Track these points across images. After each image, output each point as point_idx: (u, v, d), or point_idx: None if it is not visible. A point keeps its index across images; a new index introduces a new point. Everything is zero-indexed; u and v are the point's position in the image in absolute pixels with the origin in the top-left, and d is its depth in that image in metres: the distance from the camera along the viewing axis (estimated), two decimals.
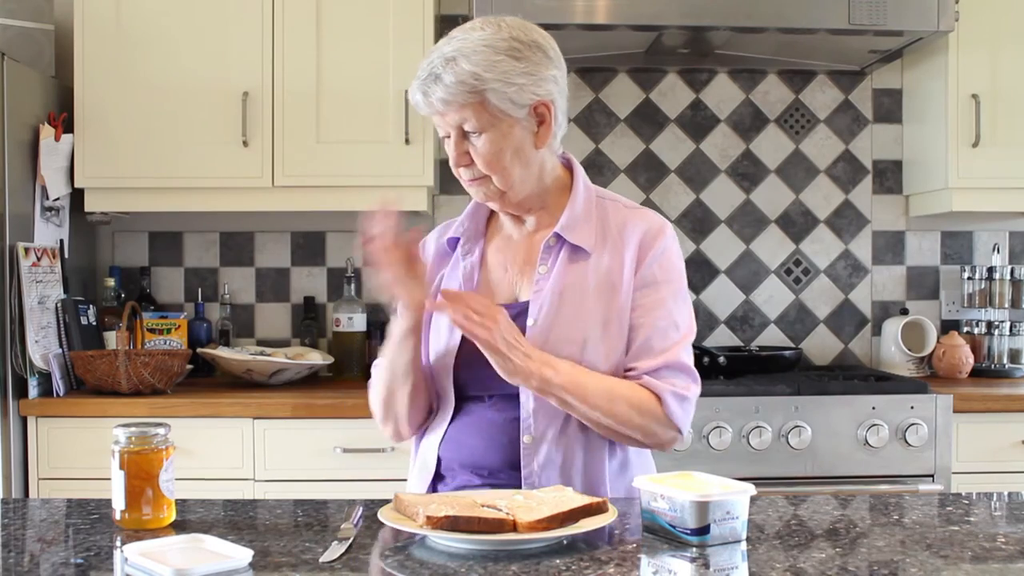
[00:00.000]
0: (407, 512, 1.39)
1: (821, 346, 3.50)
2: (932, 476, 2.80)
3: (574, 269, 1.71)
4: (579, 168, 1.79)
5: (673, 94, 3.49)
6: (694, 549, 1.34)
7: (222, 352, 3.08)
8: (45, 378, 2.87)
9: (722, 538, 1.35)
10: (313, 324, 3.39)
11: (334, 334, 3.30)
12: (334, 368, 3.25)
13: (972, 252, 3.54)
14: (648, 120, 3.48)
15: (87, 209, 3.10)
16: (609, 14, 2.92)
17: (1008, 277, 3.37)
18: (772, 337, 3.49)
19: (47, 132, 2.97)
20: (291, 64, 3.06)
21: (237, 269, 3.46)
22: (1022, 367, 3.36)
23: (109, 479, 1.47)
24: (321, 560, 1.29)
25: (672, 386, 1.67)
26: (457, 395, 1.73)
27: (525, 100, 1.64)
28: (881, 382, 2.97)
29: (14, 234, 2.83)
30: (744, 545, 1.36)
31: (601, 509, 1.40)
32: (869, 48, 3.15)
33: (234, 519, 1.52)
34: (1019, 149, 3.16)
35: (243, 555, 1.27)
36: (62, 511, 1.61)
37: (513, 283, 1.76)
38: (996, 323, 3.38)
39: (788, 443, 2.77)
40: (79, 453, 2.77)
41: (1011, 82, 3.15)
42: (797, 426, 2.77)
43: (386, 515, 1.39)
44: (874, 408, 2.79)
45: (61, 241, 3.07)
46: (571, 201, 1.74)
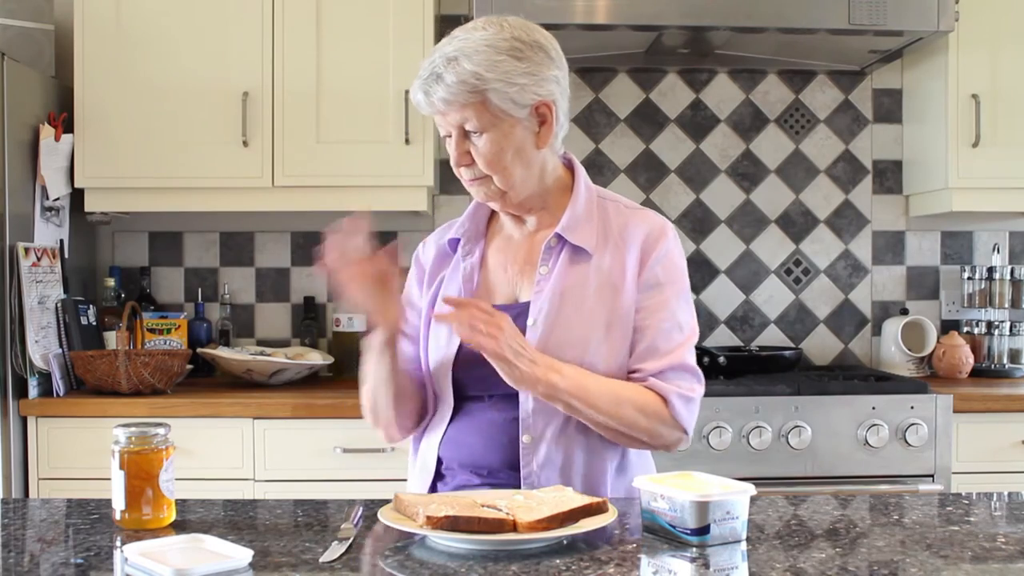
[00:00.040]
0: (407, 512, 1.39)
1: (821, 346, 3.50)
2: (932, 476, 2.80)
3: (575, 270, 1.71)
4: (580, 168, 1.79)
5: (673, 94, 3.49)
6: (694, 549, 1.34)
7: (222, 352, 3.08)
8: (45, 378, 2.87)
9: (722, 538, 1.35)
10: (313, 324, 3.39)
11: (334, 334, 3.30)
12: (334, 368, 3.25)
13: (972, 252, 3.54)
14: (648, 120, 3.48)
15: (87, 209, 3.10)
16: (609, 14, 2.92)
17: (1008, 277, 3.37)
18: (772, 337, 3.49)
19: (47, 132, 2.97)
20: (291, 64, 3.06)
21: (237, 269, 3.46)
22: (1022, 367, 3.36)
23: (109, 479, 1.47)
24: (321, 560, 1.29)
25: (678, 388, 1.67)
26: (457, 395, 1.73)
27: (526, 100, 1.64)
28: (881, 382, 2.97)
29: (14, 234, 2.83)
30: (744, 545, 1.36)
31: (601, 509, 1.40)
32: (869, 48, 3.15)
33: (234, 519, 1.52)
34: (1019, 149, 3.16)
35: (243, 555, 1.27)
36: (62, 511, 1.60)
37: (513, 283, 1.76)
38: (996, 323, 3.38)
39: (788, 443, 2.77)
40: (79, 453, 2.77)
41: (1011, 82, 3.15)
42: (797, 426, 2.77)
43: (386, 515, 1.39)
44: (874, 408, 2.79)
45: (61, 241, 3.07)
46: (572, 201, 1.74)
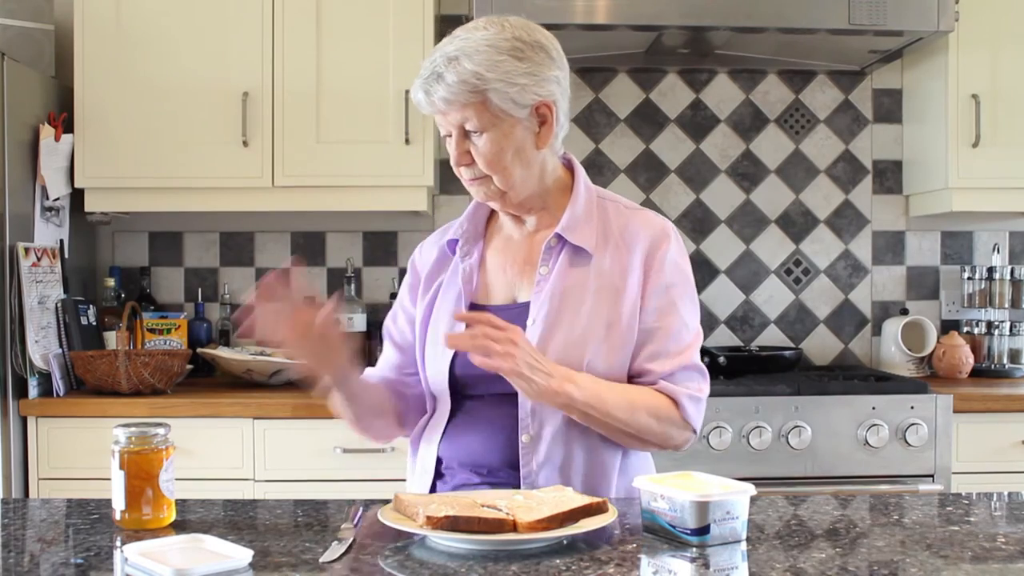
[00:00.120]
0: (407, 512, 1.39)
1: (821, 346, 3.50)
2: (932, 476, 2.80)
3: (575, 270, 1.70)
4: (580, 169, 1.79)
5: (673, 94, 3.49)
6: (694, 549, 1.34)
7: (222, 352, 3.08)
8: (45, 378, 2.87)
9: (722, 538, 1.35)
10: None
11: None
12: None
13: (972, 252, 3.54)
14: (648, 120, 3.48)
15: (87, 209, 3.10)
16: (609, 14, 2.92)
17: (1008, 277, 3.37)
18: (772, 337, 3.49)
19: (47, 132, 2.97)
20: (291, 64, 3.06)
21: (237, 269, 3.46)
22: (1022, 367, 3.36)
23: (109, 479, 1.47)
24: (321, 560, 1.29)
25: (687, 389, 1.68)
26: (456, 394, 1.73)
27: (527, 100, 1.64)
28: (881, 382, 2.97)
29: (14, 234, 2.83)
30: (744, 545, 1.36)
31: (601, 509, 1.40)
32: (869, 48, 3.15)
33: (234, 519, 1.52)
34: (1019, 149, 3.16)
35: (243, 555, 1.27)
36: (62, 511, 1.60)
37: (512, 284, 1.76)
38: (996, 323, 3.38)
39: (788, 443, 2.77)
40: (79, 453, 2.77)
41: (1011, 82, 3.15)
42: (797, 426, 2.77)
43: (386, 515, 1.39)
44: (874, 408, 2.79)
45: (61, 241, 3.07)
46: (572, 202, 1.74)
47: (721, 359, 3.05)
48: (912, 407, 2.81)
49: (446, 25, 2.89)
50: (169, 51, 3.06)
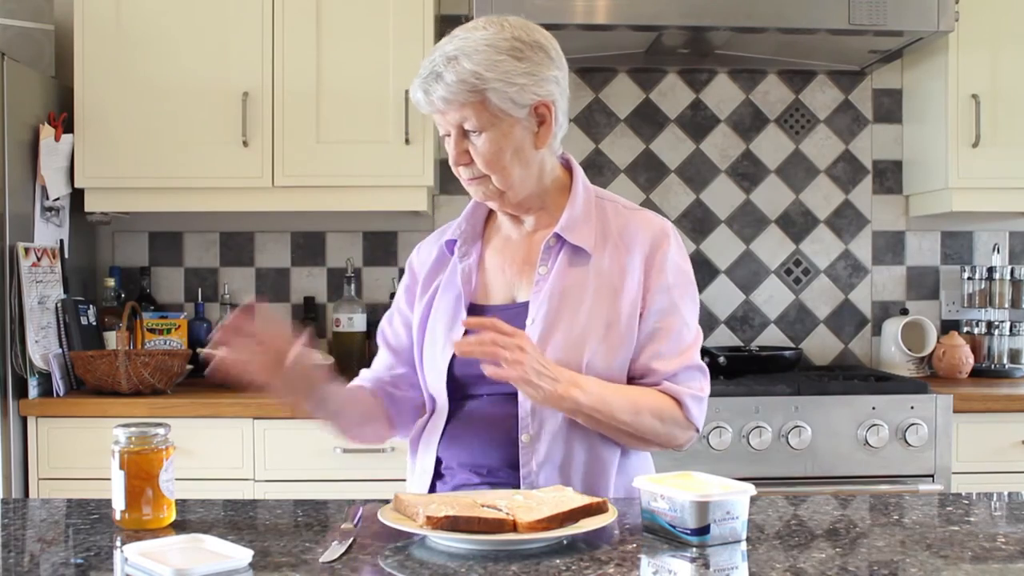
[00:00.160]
0: (407, 512, 1.39)
1: (821, 346, 3.50)
2: (932, 476, 2.80)
3: (574, 270, 1.70)
4: (578, 169, 1.79)
5: (673, 94, 3.49)
6: (694, 549, 1.34)
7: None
8: (45, 378, 2.87)
9: (722, 538, 1.35)
10: (313, 324, 3.39)
11: (334, 334, 3.30)
12: (334, 368, 3.24)
13: (972, 252, 3.54)
14: (648, 120, 3.48)
15: (87, 209, 3.10)
16: (609, 14, 2.92)
17: (1008, 277, 3.37)
18: (772, 337, 3.49)
19: (47, 132, 2.97)
20: (291, 64, 3.06)
21: (237, 269, 3.46)
22: (1022, 367, 3.36)
23: (109, 479, 1.47)
24: (321, 560, 1.29)
25: (689, 389, 1.69)
26: (455, 394, 1.73)
27: (526, 100, 1.64)
28: (881, 382, 2.97)
29: (14, 234, 2.83)
30: (744, 545, 1.36)
31: (601, 509, 1.40)
32: (869, 48, 3.15)
33: (234, 519, 1.52)
34: (1019, 149, 3.16)
35: (243, 555, 1.27)
36: (62, 511, 1.60)
37: (511, 284, 1.75)
38: (996, 323, 3.38)
39: (788, 443, 2.77)
40: (79, 453, 2.77)
41: (1011, 82, 3.15)
42: (797, 426, 2.77)
43: (386, 515, 1.39)
44: (874, 408, 2.79)
45: (61, 241, 3.07)
46: (570, 201, 1.74)
47: (721, 359, 3.05)
48: (912, 407, 2.81)
49: (446, 25, 2.89)
50: (169, 51, 3.06)
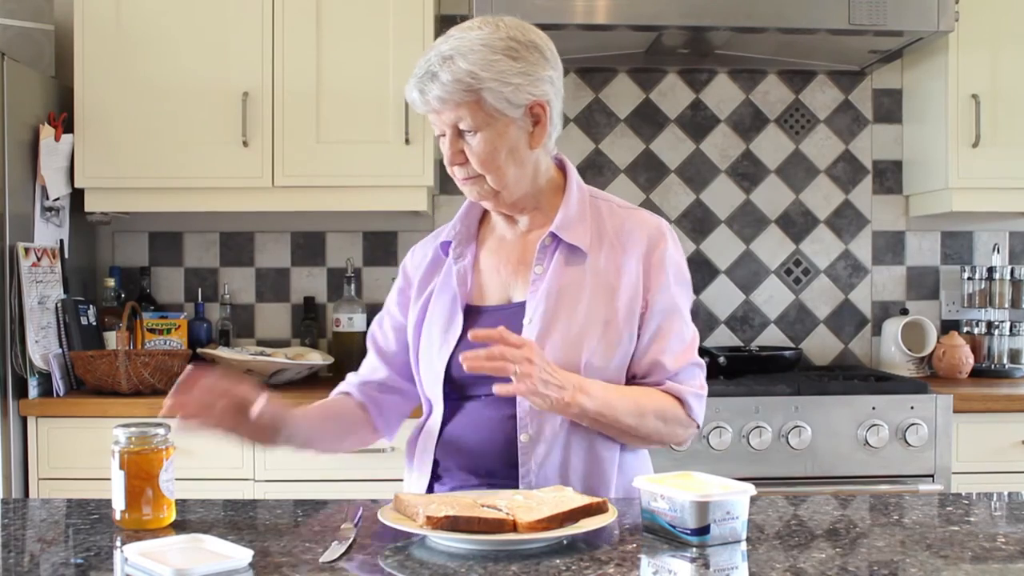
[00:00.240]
0: (407, 512, 1.39)
1: (821, 346, 3.50)
2: (932, 476, 2.80)
3: (571, 269, 1.71)
4: (572, 169, 1.79)
5: (673, 94, 3.49)
6: (694, 549, 1.34)
7: (222, 352, 3.08)
8: (45, 378, 2.87)
9: (722, 538, 1.35)
10: (313, 324, 3.39)
11: (334, 334, 3.30)
12: (334, 368, 3.25)
13: (972, 252, 3.54)
14: (648, 120, 3.48)
15: (87, 209, 3.10)
16: (609, 14, 2.92)
17: (1008, 277, 3.37)
18: (772, 337, 3.49)
19: (47, 132, 2.97)
20: (291, 64, 3.06)
21: (237, 269, 3.46)
22: (1022, 367, 3.36)
23: (109, 479, 1.47)
24: (321, 560, 1.29)
25: (691, 387, 1.71)
26: (452, 395, 1.73)
27: (521, 100, 1.64)
28: (881, 382, 2.97)
29: (14, 234, 2.83)
30: (744, 545, 1.36)
31: (601, 509, 1.40)
32: (869, 48, 3.15)
33: (234, 519, 1.52)
34: (1019, 149, 3.16)
35: (243, 555, 1.27)
36: (62, 511, 1.61)
37: (506, 284, 1.75)
38: (996, 323, 3.38)
39: (788, 443, 2.77)
40: (79, 453, 2.77)
41: (1011, 82, 3.15)
42: (797, 426, 2.77)
43: (386, 515, 1.39)
44: (874, 408, 2.79)
45: (61, 241, 3.07)
46: (565, 201, 1.74)
47: (721, 359, 3.05)
48: (912, 407, 2.81)
49: (446, 25, 2.88)
50: (169, 51, 3.06)
